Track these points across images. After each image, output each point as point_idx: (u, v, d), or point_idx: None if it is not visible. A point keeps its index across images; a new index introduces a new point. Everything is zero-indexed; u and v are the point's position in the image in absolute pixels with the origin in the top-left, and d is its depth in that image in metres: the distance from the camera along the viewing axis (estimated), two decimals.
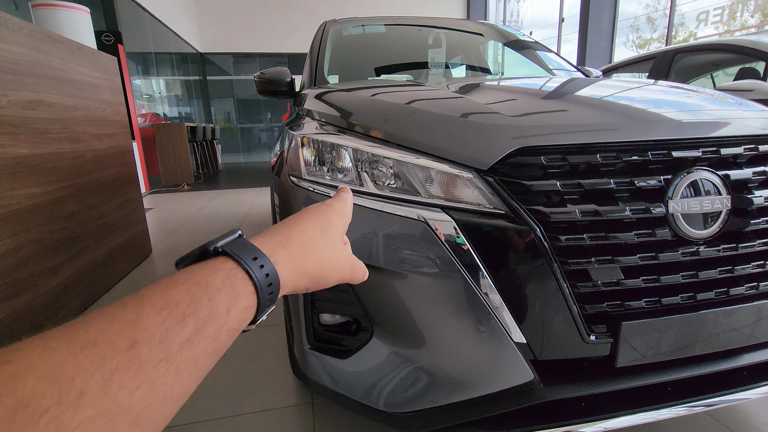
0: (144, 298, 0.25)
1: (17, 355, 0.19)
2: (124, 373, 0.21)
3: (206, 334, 0.26)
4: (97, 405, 0.19)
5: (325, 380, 0.90)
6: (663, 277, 0.74)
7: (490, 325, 0.73)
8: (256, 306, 0.30)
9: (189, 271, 0.28)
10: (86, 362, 0.20)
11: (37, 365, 0.19)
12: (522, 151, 0.74)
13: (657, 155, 0.76)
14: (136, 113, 6.03)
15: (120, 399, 0.20)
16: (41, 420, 0.18)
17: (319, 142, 0.93)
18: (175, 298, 0.25)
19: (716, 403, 0.79)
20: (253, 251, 0.31)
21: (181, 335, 0.24)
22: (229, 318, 0.28)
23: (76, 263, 1.94)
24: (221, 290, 0.28)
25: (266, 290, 0.31)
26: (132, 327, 0.22)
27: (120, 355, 0.21)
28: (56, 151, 1.87)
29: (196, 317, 0.25)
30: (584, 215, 0.72)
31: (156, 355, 0.23)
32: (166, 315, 0.24)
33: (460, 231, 0.73)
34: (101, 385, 0.20)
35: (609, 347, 0.74)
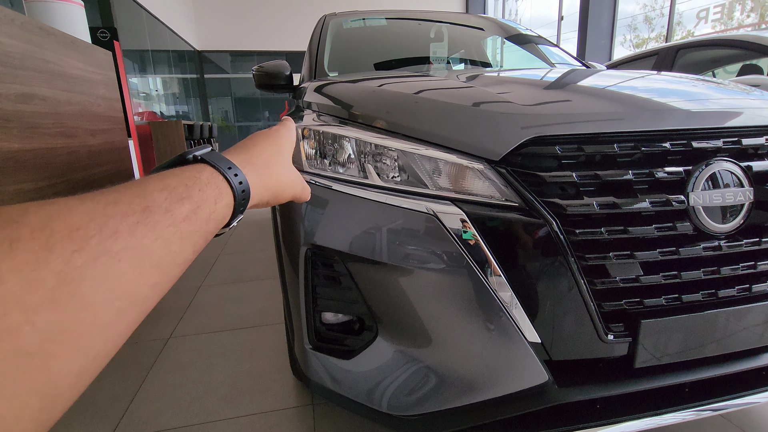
0: (144, 181, 0.28)
1: (55, 200, 0.22)
2: (144, 226, 0.25)
3: (200, 216, 0.30)
4: (127, 242, 0.23)
5: (327, 381, 0.87)
6: (684, 273, 0.71)
7: (502, 323, 0.70)
8: (233, 207, 0.34)
9: (174, 170, 0.31)
10: (113, 213, 0.24)
11: (78, 207, 0.23)
12: (536, 141, 0.71)
13: (677, 145, 0.72)
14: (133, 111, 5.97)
15: (144, 243, 0.25)
16: (91, 240, 0.22)
17: (321, 133, 0.89)
18: (172, 183, 0.29)
19: (743, 404, 0.75)
20: (227, 162, 0.35)
21: (181, 211, 0.28)
22: (216, 207, 0.32)
23: None
24: (208, 185, 0.32)
25: (240, 195, 0.34)
26: (142, 198, 0.26)
27: (138, 214, 0.25)
28: (49, 146, 1.83)
29: (191, 200, 0.29)
30: (602, 208, 0.68)
31: (165, 221, 0.26)
32: (167, 194, 0.28)
33: (471, 224, 0.69)
34: (128, 230, 0.24)
35: (627, 347, 0.71)
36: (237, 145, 0.43)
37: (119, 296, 0.23)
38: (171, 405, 1.25)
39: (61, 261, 0.20)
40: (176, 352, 1.55)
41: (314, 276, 0.85)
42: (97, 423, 1.18)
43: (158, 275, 0.26)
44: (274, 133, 0.46)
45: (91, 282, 0.21)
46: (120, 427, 1.16)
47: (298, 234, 0.84)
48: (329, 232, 0.80)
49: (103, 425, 1.17)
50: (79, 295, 0.21)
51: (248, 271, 2.41)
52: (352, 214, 0.78)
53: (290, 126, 0.50)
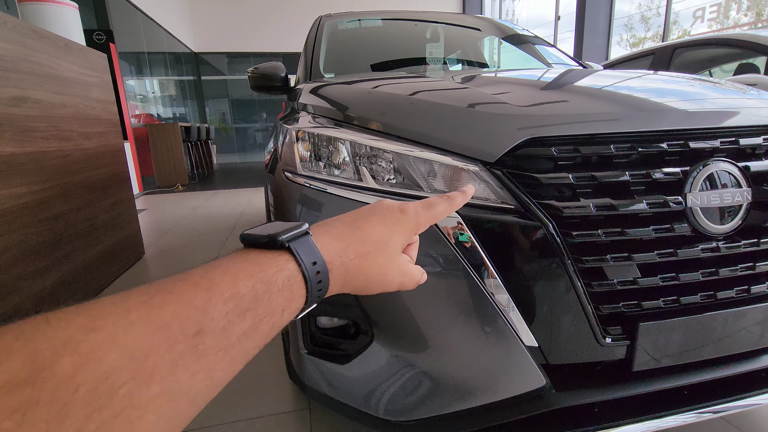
0: (214, 284, 0.25)
1: (104, 324, 0.20)
2: (188, 358, 0.22)
3: (261, 330, 0.27)
4: (163, 384, 0.21)
5: (323, 386, 0.86)
6: (682, 275, 0.70)
7: (498, 327, 0.69)
8: (301, 309, 0.31)
9: (255, 263, 0.29)
10: (159, 343, 0.21)
11: (120, 339, 0.20)
12: (531, 142, 0.70)
13: (674, 146, 0.71)
14: (129, 114, 5.95)
15: (182, 381, 0.22)
16: (119, 392, 0.19)
17: (315, 135, 0.88)
18: (242, 291, 0.26)
19: (744, 406, 0.75)
20: (314, 256, 0.32)
21: (240, 328, 0.25)
22: (282, 318, 0.29)
23: (64, 265, 1.88)
24: (281, 291, 0.29)
25: (315, 294, 0.32)
26: (201, 314, 0.23)
27: (188, 340, 0.22)
28: (43, 150, 1.81)
29: (255, 313, 0.27)
30: (599, 210, 0.67)
31: (216, 344, 0.24)
32: (231, 306, 0.25)
33: (466, 227, 0.68)
34: (169, 366, 0.21)
35: (625, 350, 0.70)
36: (343, 218, 0.37)
37: None
38: None
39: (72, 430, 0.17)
40: None
41: None
42: None
43: (192, 411, 0.23)
44: (397, 214, 0.39)
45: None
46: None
47: None
48: None
49: None
50: None
51: None
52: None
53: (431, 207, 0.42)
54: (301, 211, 0.84)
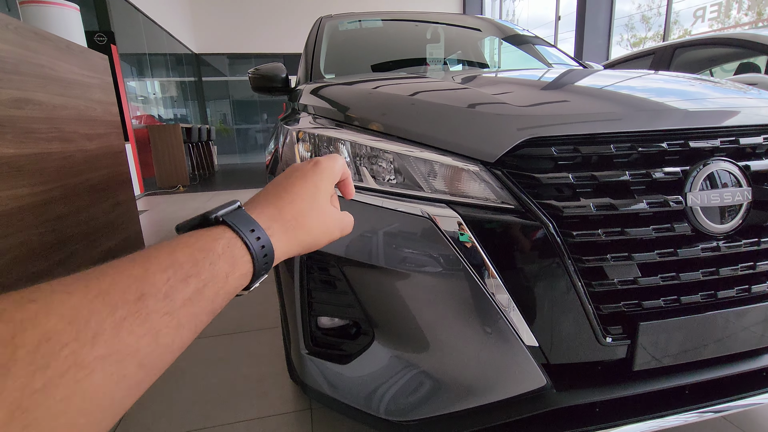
0: (151, 257, 0.27)
1: (39, 295, 0.21)
2: (133, 321, 0.23)
3: (206, 295, 0.28)
4: (108, 345, 0.21)
5: (324, 387, 0.86)
6: (682, 274, 0.70)
7: (499, 327, 0.69)
8: (251, 274, 0.32)
9: (191, 236, 0.30)
10: (100, 308, 0.22)
11: (58, 307, 0.21)
12: (531, 142, 0.70)
13: (674, 145, 0.71)
14: (131, 115, 5.96)
15: (128, 342, 0.22)
16: (62, 352, 0.20)
17: (316, 136, 0.89)
18: (180, 259, 0.27)
19: (745, 406, 0.75)
20: (251, 223, 0.33)
21: (183, 293, 0.26)
22: (227, 282, 0.30)
23: (67, 266, 1.89)
24: (221, 257, 0.29)
25: (262, 260, 0.32)
26: (140, 281, 0.24)
27: (129, 305, 0.23)
28: (44, 151, 1.82)
29: (198, 279, 0.27)
30: (599, 209, 0.67)
31: (161, 308, 0.25)
32: (171, 273, 0.26)
33: (466, 227, 0.68)
34: (112, 328, 0.22)
35: (626, 349, 0.70)
36: (268, 188, 0.39)
37: (86, 412, 0.20)
38: (167, 411, 1.24)
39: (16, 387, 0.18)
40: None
41: (309, 280, 0.84)
42: None
43: (141, 374, 0.24)
44: (311, 169, 0.41)
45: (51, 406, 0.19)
46: None
47: None
48: None
49: None
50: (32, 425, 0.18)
51: None
52: None
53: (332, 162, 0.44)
54: None
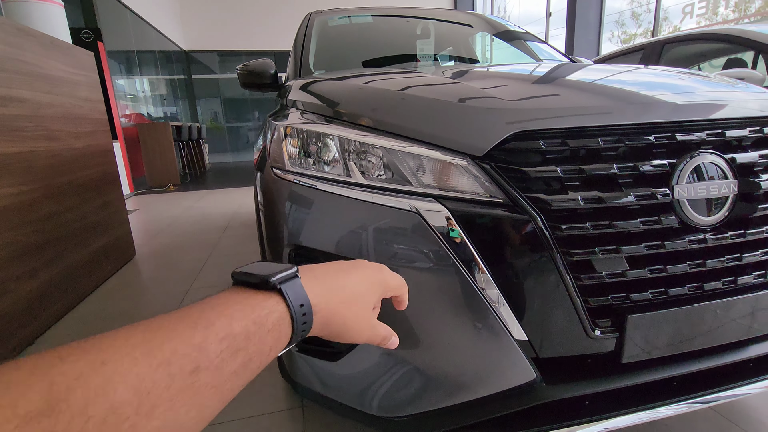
0: (210, 324, 0.27)
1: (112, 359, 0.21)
2: (186, 394, 0.24)
3: (249, 368, 0.29)
4: (162, 419, 0.22)
5: (315, 384, 0.85)
6: (670, 267, 0.70)
7: (489, 321, 0.69)
8: (285, 347, 0.33)
9: (248, 303, 0.31)
10: (160, 379, 0.22)
11: (126, 374, 0.21)
12: (519, 135, 0.70)
13: (661, 138, 0.72)
14: (119, 113, 5.88)
15: (179, 416, 0.23)
16: (123, 425, 0.20)
17: (304, 131, 0.88)
18: (235, 330, 0.28)
19: (732, 396, 0.75)
20: (302, 298, 0.34)
21: (231, 366, 0.27)
22: (268, 356, 0.31)
23: (54, 267, 1.86)
24: (270, 332, 0.30)
25: (299, 335, 0.34)
26: (198, 352, 0.25)
27: (185, 377, 0.24)
28: (31, 150, 1.79)
29: (246, 352, 0.28)
30: (587, 203, 0.67)
31: (210, 381, 0.25)
32: (225, 346, 0.27)
33: (455, 221, 0.68)
34: (168, 401, 0.23)
35: (614, 342, 0.70)
36: (331, 265, 0.41)
37: None
38: None
39: None
40: None
41: None
42: None
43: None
44: (377, 274, 0.44)
45: None
46: None
47: (282, 235, 0.83)
48: (313, 233, 0.79)
49: None
50: None
51: None
52: (335, 213, 0.77)
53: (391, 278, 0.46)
54: (291, 208, 0.84)
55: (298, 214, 0.82)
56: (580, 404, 0.74)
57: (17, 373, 0.19)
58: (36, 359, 0.20)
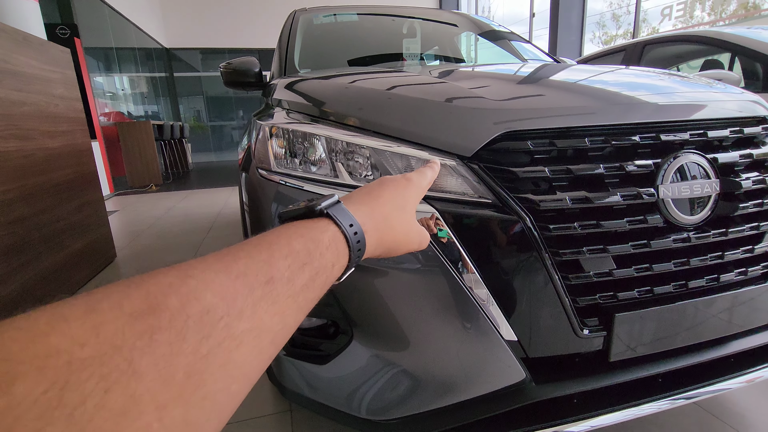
0: (272, 244, 0.29)
1: (195, 272, 0.24)
2: (266, 302, 0.26)
3: (317, 282, 0.30)
4: (250, 321, 0.24)
5: (303, 388, 0.84)
6: (655, 265, 0.71)
7: (478, 322, 0.68)
8: (346, 266, 0.35)
9: (299, 226, 0.32)
10: (241, 288, 0.24)
11: (211, 284, 0.23)
12: (507, 135, 0.70)
13: (646, 138, 0.72)
14: (98, 112, 5.72)
15: (264, 320, 0.25)
16: (219, 323, 0.22)
17: (290, 131, 0.86)
18: (296, 248, 0.30)
19: (715, 391, 0.77)
20: (350, 218, 0.35)
21: (301, 279, 0.29)
22: (332, 272, 0.32)
23: (28, 271, 1.79)
24: (329, 248, 0.32)
25: (356, 254, 0.35)
26: (268, 265, 0.27)
27: (262, 287, 0.26)
28: (1, 150, 1.72)
29: (311, 267, 0.30)
30: (574, 203, 0.68)
31: (285, 291, 0.27)
32: (290, 261, 0.28)
33: (443, 222, 0.67)
34: (252, 307, 0.25)
35: (602, 341, 0.71)
36: (361, 189, 0.43)
37: (237, 379, 0.23)
38: None
39: (190, 351, 0.20)
40: None
41: None
42: None
43: (272, 350, 0.26)
44: (404, 182, 0.46)
45: (214, 370, 0.21)
46: None
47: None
48: None
49: None
50: (202, 386, 0.20)
51: None
52: None
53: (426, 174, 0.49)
54: (277, 209, 0.82)
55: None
56: (569, 403, 0.74)
57: (115, 285, 0.21)
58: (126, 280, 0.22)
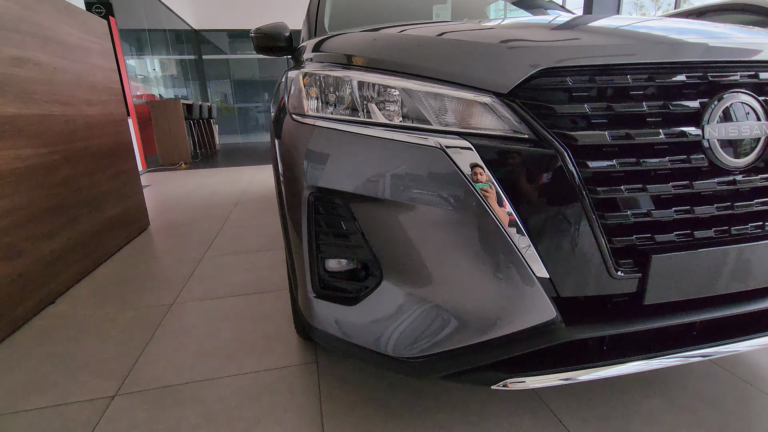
0: None
1: None
2: None
3: None
4: None
5: (331, 329, 0.86)
6: (697, 208, 0.69)
7: (511, 259, 0.68)
8: None
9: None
10: None
11: None
12: (546, 72, 0.68)
13: (693, 78, 0.69)
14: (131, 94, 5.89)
15: None
16: None
17: (323, 77, 0.87)
18: None
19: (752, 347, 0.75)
20: None
21: None
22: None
23: (70, 231, 1.89)
24: None
25: None
26: None
27: None
28: (46, 113, 1.80)
29: None
30: (615, 140, 0.66)
31: None
32: None
33: (479, 157, 0.67)
34: None
35: (636, 283, 0.69)
36: None
37: None
38: (175, 364, 1.25)
39: None
40: (179, 317, 1.55)
41: (317, 221, 0.83)
42: (102, 381, 1.18)
43: None
44: None
45: None
46: (125, 385, 1.17)
47: (301, 177, 0.82)
48: (333, 173, 0.78)
49: (110, 382, 1.18)
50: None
51: (250, 243, 2.40)
52: (356, 153, 0.76)
53: None
54: (310, 151, 0.83)
55: (318, 157, 0.81)
56: (597, 347, 0.74)
57: None
58: None
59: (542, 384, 0.73)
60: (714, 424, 0.94)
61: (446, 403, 1.05)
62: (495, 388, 0.73)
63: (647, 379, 1.10)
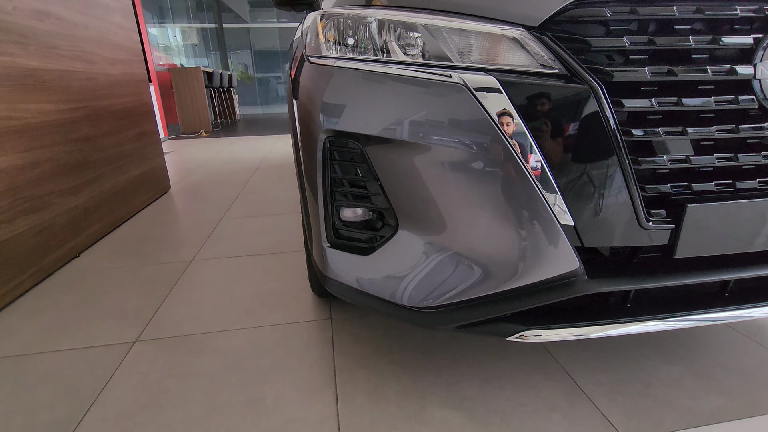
0: None
1: None
2: None
3: None
4: None
5: (346, 278, 0.85)
6: (741, 155, 0.63)
7: (534, 204, 0.65)
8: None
9: None
10: None
11: None
12: (581, 2, 0.62)
13: (746, 10, 0.63)
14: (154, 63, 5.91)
15: None
16: None
17: (340, 16, 0.82)
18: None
19: None
20: None
21: None
22: None
23: (94, 187, 1.93)
24: None
25: None
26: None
27: None
28: (68, 69, 1.81)
29: None
30: (654, 76, 0.61)
31: None
32: None
33: (504, 93, 0.62)
34: None
35: (668, 235, 0.65)
36: None
37: None
38: (194, 315, 1.28)
39: None
40: (199, 272, 1.58)
41: (333, 168, 0.81)
42: (124, 328, 1.22)
43: None
44: None
45: None
46: (146, 332, 1.20)
47: (318, 122, 0.80)
48: (350, 116, 0.75)
49: (130, 330, 1.21)
50: None
51: (267, 207, 2.42)
52: (374, 93, 0.73)
53: None
54: (327, 93, 0.80)
55: (336, 98, 0.78)
56: (623, 303, 0.70)
57: None
58: None
59: (557, 338, 0.70)
60: (737, 391, 0.91)
61: (459, 361, 1.04)
62: (510, 339, 0.71)
63: (667, 348, 1.07)
